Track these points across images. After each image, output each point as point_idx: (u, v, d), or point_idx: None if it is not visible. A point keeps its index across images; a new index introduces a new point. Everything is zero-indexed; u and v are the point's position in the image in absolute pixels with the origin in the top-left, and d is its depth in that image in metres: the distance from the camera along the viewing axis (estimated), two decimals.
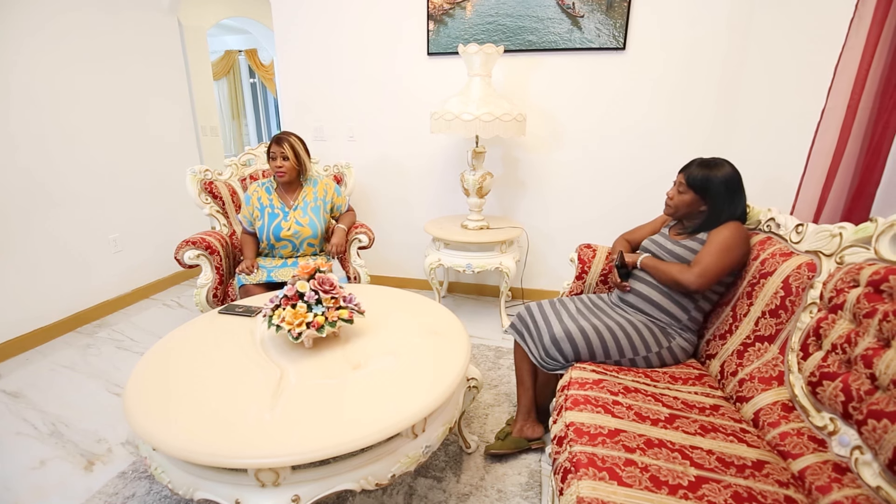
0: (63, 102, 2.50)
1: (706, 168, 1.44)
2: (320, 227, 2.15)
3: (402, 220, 3.10)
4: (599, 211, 2.76)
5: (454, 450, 1.66)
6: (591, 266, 1.83)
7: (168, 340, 1.43)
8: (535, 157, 2.78)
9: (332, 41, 2.86)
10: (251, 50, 7.18)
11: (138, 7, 2.89)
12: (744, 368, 1.30)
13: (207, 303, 2.05)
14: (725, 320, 1.45)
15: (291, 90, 3.03)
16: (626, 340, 1.43)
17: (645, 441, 1.06)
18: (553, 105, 2.66)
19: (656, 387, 1.33)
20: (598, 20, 2.44)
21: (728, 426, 1.15)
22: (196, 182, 2.24)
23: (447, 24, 2.64)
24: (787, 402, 1.14)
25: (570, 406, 1.19)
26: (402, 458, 1.14)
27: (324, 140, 3.04)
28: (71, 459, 1.64)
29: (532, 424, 1.63)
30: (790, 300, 1.23)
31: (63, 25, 2.46)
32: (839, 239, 1.17)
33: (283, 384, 1.18)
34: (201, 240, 2.06)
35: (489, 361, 2.26)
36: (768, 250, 1.36)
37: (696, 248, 1.45)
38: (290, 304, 1.31)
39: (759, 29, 2.25)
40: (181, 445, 0.97)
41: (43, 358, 2.31)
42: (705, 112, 2.45)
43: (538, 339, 1.50)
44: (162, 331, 2.58)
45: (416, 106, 2.82)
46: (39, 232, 2.42)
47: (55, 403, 1.95)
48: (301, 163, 2.10)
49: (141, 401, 1.12)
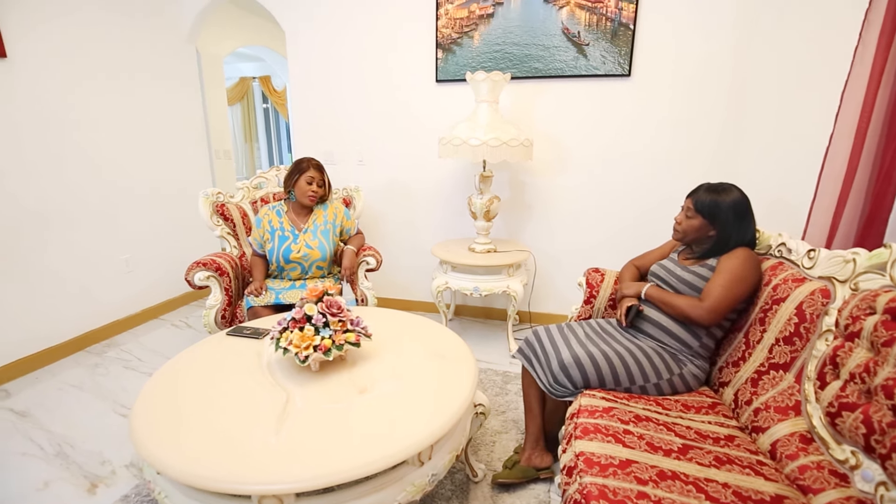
0: (82, 124, 2.57)
1: (714, 193, 1.44)
2: (329, 249, 2.16)
3: (409, 243, 3.11)
4: (606, 234, 2.76)
5: (460, 478, 1.62)
6: (599, 291, 1.81)
7: (176, 362, 1.43)
8: (541, 181, 2.80)
9: (343, 68, 2.94)
10: (265, 76, 7.39)
11: (159, 35, 3.01)
12: (759, 397, 1.26)
13: (216, 324, 2.06)
14: (738, 347, 1.42)
15: (303, 115, 3.10)
16: (636, 367, 1.41)
17: (658, 473, 1.03)
18: (559, 130, 2.69)
19: (668, 415, 1.29)
20: (603, 48, 2.48)
21: (744, 458, 1.11)
22: (208, 204, 2.28)
23: (455, 52, 2.71)
24: (805, 433, 1.11)
25: (579, 435, 1.17)
26: (408, 486, 1.11)
27: (334, 164, 3.09)
28: (74, 481, 1.62)
29: (541, 453, 1.59)
30: (804, 327, 1.21)
31: (84, 50, 2.56)
32: (853, 265, 1.15)
33: (288, 408, 1.17)
34: (212, 261, 2.08)
35: (496, 387, 2.22)
36: (780, 276, 1.34)
37: (705, 275, 1.44)
38: (297, 326, 1.31)
39: (763, 56, 2.28)
40: (185, 470, 0.96)
41: (52, 377, 2.32)
42: (711, 137, 2.47)
43: (546, 364, 1.48)
44: (170, 351, 2.59)
45: (424, 131, 2.87)
46: (53, 251, 2.46)
47: (62, 423, 1.94)
48: (327, 191, 2.23)
49: (147, 424, 1.11)
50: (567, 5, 2.48)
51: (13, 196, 2.26)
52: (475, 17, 2.63)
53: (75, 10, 2.49)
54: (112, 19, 2.68)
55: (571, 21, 2.50)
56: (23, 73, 2.27)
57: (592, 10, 2.46)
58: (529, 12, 2.55)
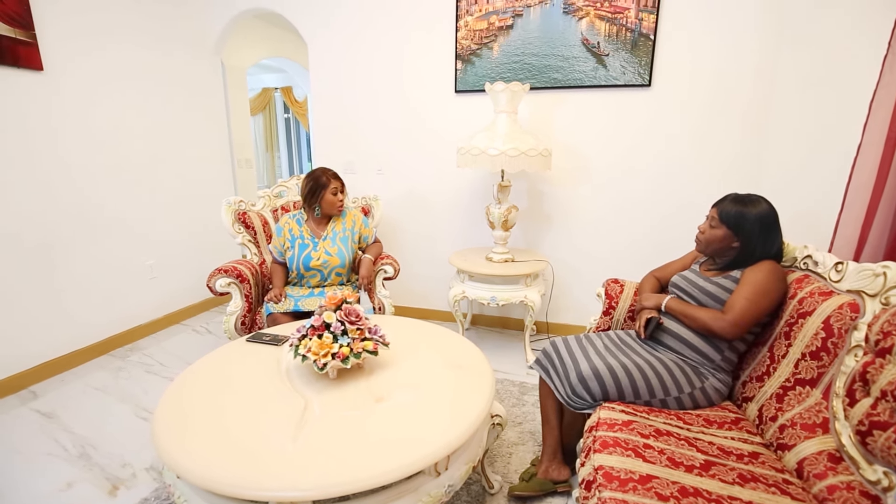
0: (114, 134, 2.67)
1: (741, 204, 1.41)
2: (348, 256, 2.19)
3: (427, 252, 3.12)
4: (625, 245, 2.73)
5: (476, 490, 1.60)
6: (618, 301, 1.79)
7: (196, 367, 1.46)
8: (560, 190, 2.79)
9: (363, 79, 2.99)
10: (286, 87, 7.56)
11: (187, 48, 3.11)
12: (784, 413, 1.23)
13: (235, 330, 2.09)
14: (762, 361, 1.38)
15: (324, 125, 3.16)
16: (656, 380, 1.38)
17: (679, 489, 1.00)
18: (578, 140, 2.69)
19: (690, 430, 1.27)
20: (622, 58, 2.48)
21: (769, 476, 1.08)
22: (230, 212, 2.33)
23: (474, 63, 2.73)
24: (833, 451, 1.07)
25: (598, 448, 1.15)
26: (424, 496, 1.11)
27: (353, 173, 3.13)
28: (96, 483, 1.66)
29: (558, 466, 1.57)
30: (832, 342, 1.17)
31: (117, 62, 2.66)
32: (883, 279, 1.12)
33: (306, 415, 1.18)
34: (233, 268, 2.12)
35: (513, 397, 2.20)
36: (806, 289, 1.31)
37: (728, 286, 1.41)
38: (316, 334, 1.32)
39: (785, 66, 2.25)
40: (204, 474, 0.97)
41: (77, 379, 2.38)
42: (732, 147, 2.43)
43: (564, 376, 1.47)
44: (190, 356, 2.64)
45: (442, 141, 2.89)
46: (80, 257, 2.54)
47: (85, 425, 1.99)
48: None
49: (168, 428, 1.14)
50: (587, 16, 2.49)
51: (48, 202, 2.35)
52: (494, 29, 2.66)
53: (111, 26, 2.59)
54: (142, 35, 2.79)
55: (591, 32, 2.50)
56: (59, 85, 2.38)
57: (612, 21, 2.46)
58: (549, 23, 2.56)
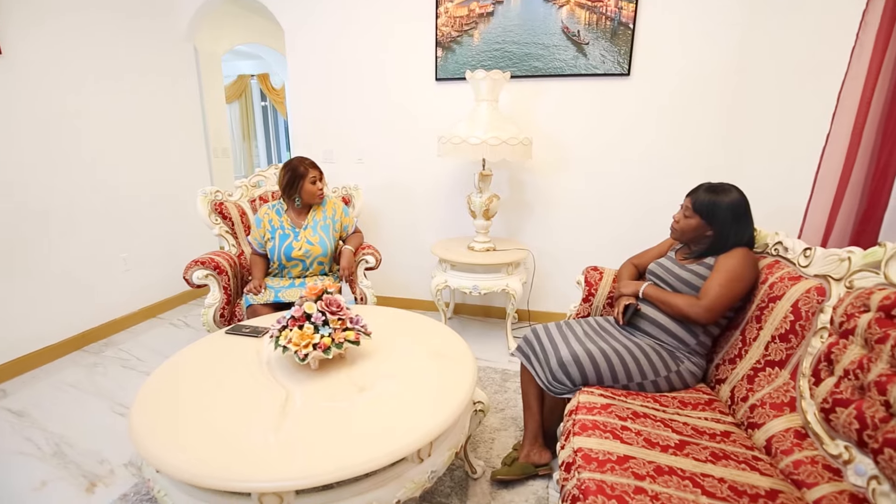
0: (78, 121, 2.56)
1: (713, 193, 1.44)
2: (330, 245, 2.17)
3: (408, 242, 3.12)
4: (605, 232, 2.77)
5: (460, 475, 1.63)
6: (597, 289, 1.82)
7: (174, 361, 1.43)
8: (541, 180, 2.80)
9: (342, 66, 2.93)
10: (263, 74, 7.37)
11: (156, 32, 3.00)
12: (754, 394, 1.27)
13: (214, 323, 2.06)
14: (735, 345, 1.43)
15: (302, 114, 3.10)
16: (633, 364, 1.42)
17: (655, 468, 1.04)
18: (559, 129, 2.70)
19: (665, 412, 1.31)
20: (602, 47, 2.49)
21: (740, 453, 1.12)
22: (206, 203, 2.28)
23: (455, 50, 2.71)
24: (799, 428, 1.12)
25: (578, 431, 1.17)
26: (408, 483, 1.12)
27: (333, 162, 3.09)
28: (72, 481, 1.62)
29: (539, 450, 1.60)
30: (800, 324, 1.22)
31: (81, 47, 2.55)
32: (848, 263, 1.16)
33: (288, 406, 1.17)
34: (210, 260, 2.08)
35: (495, 384, 2.23)
36: (776, 274, 1.36)
37: (703, 273, 1.45)
38: (297, 325, 1.31)
39: (763, 56, 2.29)
40: (185, 468, 0.96)
41: (49, 376, 2.32)
42: (711, 137, 2.48)
43: (545, 362, 1.49)
44: (168, 350, 2.59)
45: (423, 130, 2.87)
46: (51, 250, 2.46)
47: (59, 423, 1.94)
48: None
49: (146, 422, 1.12)
50: (567, 4, 2.49)
51: (10, 195, 2.26)
52: (475, 16, 2.64)
53: (72, 8, 2.48)
54: (108, 16, 2.67)
55: (571, 20, 2.50)
56: (20, 70, 2.27)
57: (592, 10, 2.46)
58: (529, 11, 2.55)
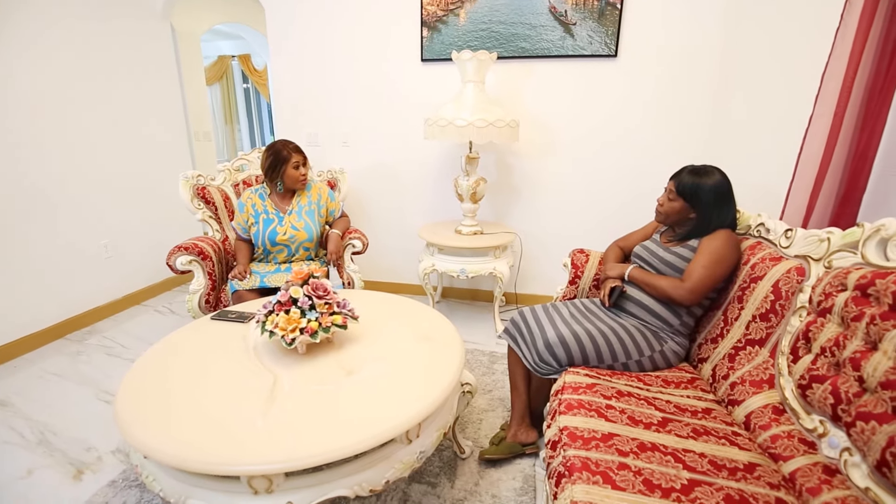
0: (56, 108, 2.48)
1: (696, 176, 1.46)
2: (316, 230, 2.15)
3: (396, 226, 3.10)
4: (591, 216, 2.78)
5: (448, 455, 1.65)
6: (584, 271, 1.84)
7: (159, 347, 1.42)
8: (528, 163, 2.80)
9: (325, 47, 2.87)
10: (244, 55, 7.18)
11: (132, 12, 2.88)
12: (735, 372, 1.31)
13: (200, 309, 2.04)
14: (717, 324, 1.46)
15: (285, 96, 3.03)
16: (618, 345, 1.44)
17: (638, 445, 1.06)
18: (546, 111, 2.68)
19: (649, 391, 1.33)
20: (590, 28, 2.47)
21: (720, 429, 1.16)
22: (188, 187, 2.23)
23: (441, 30, 2.66)
24: (777, 404, 1.16)
25: (563, 410, 1.20)
26: (397, 463, 1.13)
27: (318, 146, 3.04)
28: (59, 469, 1.61)
29: (526, 429, 1.63)
30: (780, 304, 1.25)
31: (58, 32, 2.45)
32: (827, 244, 1.19)
33: (276, 390, 1.17)
34: (193, 245, 2.05)
35: (483, 366, 2.26)
36: (758, 255, 1.38)
37: (687, 256, 1.47)
38: (283, 309, 1.30)
39: (750, 37, 2.29)
40: (173, 453, 0.96)
41: (31, 365, 2.28)
42: (697, 119, 2.48)
43: (532, 344, 1.51)
44: (153, 337, 2.55)
45: (409, 112, 2.83)
46: (29, 238, 2.39)
47: (43, 412, 1.92)
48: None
49: (132, 408, 1.11)
50: None
51: None
52: None
53: None
54: None
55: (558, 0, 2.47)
56: None
57: None
58: None
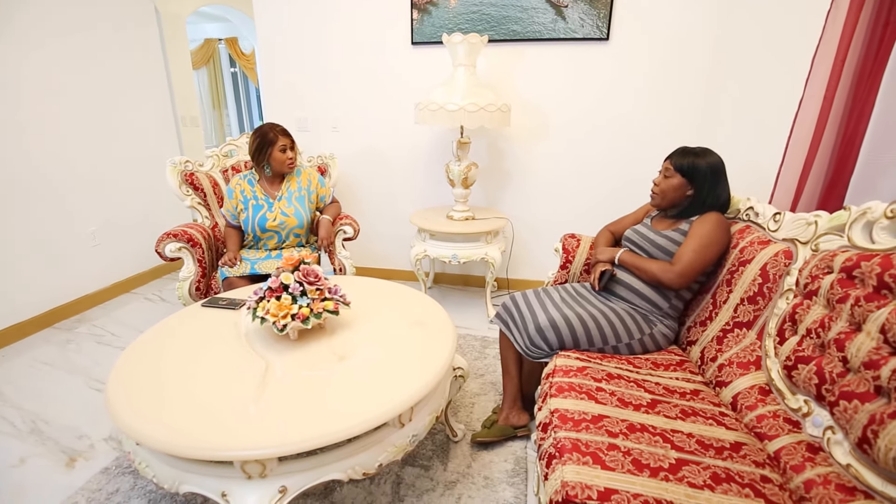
0: (40, 93, 2.42)
1: (692, 155, 1.46)
2: (306, 216, 2.13)
3: (387, 212, 3.08)
4: (582, 202, 2.78)
5: (441, 438, 1.67)
6: (575, 256, 1.84)
7: (150, 334, 1.41)
8: (520, 147, 2.78)
9: (313, 30, 2.81)
10: (231, 38, 7.02)
11: None
12: (723, 354, 1.33)
13: (190, 296, 2.02)
14: (706, 307, 1.48)
15: (273, 80, 2.97)
16: (609, 328, 1.45)
17: (627, 426, 1.08)
18: (538, 95, 2.66)
19: (638, 373, 1.35)
20: (581, 10, 2.43)
21: (708, 410, 1.18)
22: (176, 173, 2.20)
23: (431, 13, 2.61)
24: (764, 385, 1.18)
25: (554, 393, 1.21)
26: (390, 447, 1.15)
27: (307, 131, 2.99)
28: (52, 457, 1.61)
29: (518, 412, 1.65)
30: (767, 287, 1.26)
31: (39, 16, 2.37)
32: (814, 227, 1.20)
33: (268, 376, 1.17)
34: (182, 232, 2.02)
35: (475, 351, 2.27)
36: (747, 238, 1.39)
37: (677, 239, 1.47)
38: (274, 296, 1.29)
39: (741, 20, 2.27)
40: (165, 439, 0.96)
41: (19, 355, 2.26)
42: (688, 104, 2.48)
43: (523, 328, 1.52)
44: (143, 325, 2.54)
45: (400, 96, 2.80)
46: (15, 225, 2.35)
47: (34, 401, 1.90)
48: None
49: (123, 395, 1.10)
50: None
51: None
52: None
53: None
54: None
55: None
56: None
57: None
58: None
